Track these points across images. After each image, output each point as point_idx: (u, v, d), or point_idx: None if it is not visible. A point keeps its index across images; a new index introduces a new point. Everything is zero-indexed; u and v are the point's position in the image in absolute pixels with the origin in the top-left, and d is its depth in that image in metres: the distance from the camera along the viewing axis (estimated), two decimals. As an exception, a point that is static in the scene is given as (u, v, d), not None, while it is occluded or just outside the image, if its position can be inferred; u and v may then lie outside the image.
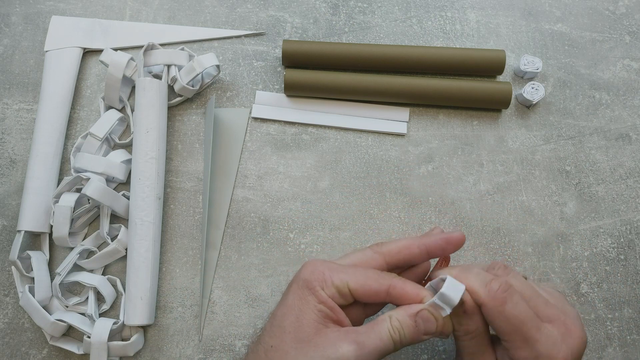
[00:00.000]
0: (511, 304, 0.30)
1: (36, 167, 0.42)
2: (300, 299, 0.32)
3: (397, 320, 0.31)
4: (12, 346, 0.41)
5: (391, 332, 0.30)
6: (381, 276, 0.32)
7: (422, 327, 0.31)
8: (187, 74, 0.44)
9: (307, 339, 0.30)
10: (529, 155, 0.46)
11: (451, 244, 0.34)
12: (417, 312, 0.31)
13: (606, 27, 0.50)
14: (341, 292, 0.31)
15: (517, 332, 0.30)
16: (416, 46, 0.47)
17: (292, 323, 0.31)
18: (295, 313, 0.31)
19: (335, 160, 0.46)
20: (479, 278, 0.31)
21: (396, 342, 0.30)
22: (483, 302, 0.31)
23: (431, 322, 0.31)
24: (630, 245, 0.44)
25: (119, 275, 0.42)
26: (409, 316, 0.31)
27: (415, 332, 0.31)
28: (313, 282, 0.32)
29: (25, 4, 0.49)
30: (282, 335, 0.31)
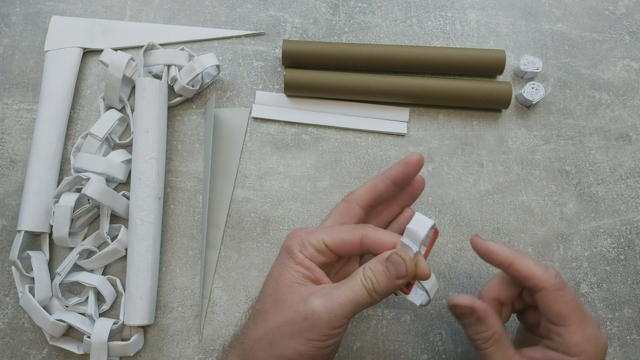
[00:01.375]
0: (567, 288, 0.32)
1: (36, 167, 0.42)
2: (280, 265, 0.33)
3: (369, 269, 0.31)
4: (12, 346, 0.41)
5: (363, 281, 0.31)
6: (354, 227, 0.33)
7: (393, 271, 0.31)
8: (187, 74, 0.44)
9: (283, 298, 0.32)
10: (529, 155, 0.46)
11: (410, 166, 0.34)
12: (387, 256, 0.31)
13: (606, 27, 0.50)
14: (319, 250, 0.33)
15: (575, 315, 0.32)
16: (416, 46, 0.47)
17: (271, 287, 0.33)
18: (274, 277, 0.33)
19: (335, 160, 0.46)
20: (537, 264, 0.33)
21: (369, 291, 0.31)
22: (545, 286, 0.32)
23: (400, 264, 0.31)
24: (630, 245, 0.44)
25: (119, 275, 0.42)
26: (380, 262, 0.31)
27: (387, 277, 0.31)
28: (291, 247, 0.33)
29: (25, 4, 0.49)
30: (264, 299, 0.33)
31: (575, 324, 0.32)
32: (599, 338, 0.32)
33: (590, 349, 0.31)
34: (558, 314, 0.32)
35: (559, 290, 0.32)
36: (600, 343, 0.32)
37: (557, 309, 0.32)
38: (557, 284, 0.32)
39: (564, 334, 0.32)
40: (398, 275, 0.31)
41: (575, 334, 0.32)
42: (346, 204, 0.35)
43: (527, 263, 0.33)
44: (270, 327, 0.32)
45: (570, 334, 0.32)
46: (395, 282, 0.31)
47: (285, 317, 0.31)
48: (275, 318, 0.31)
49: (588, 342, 0.32)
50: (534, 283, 0.32)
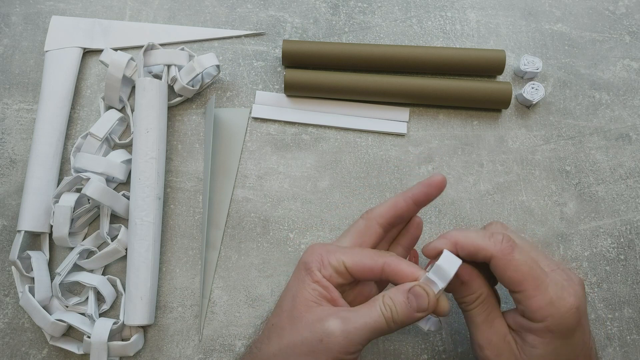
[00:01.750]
0: (518, 252, 0.31)
1: (36, 167, 0.42)
2: (297, 280, 0.33)
3: (389, 298, 0.31)
4: (12, 346, 0.41)
5: (382, 309, 0.31)
6: (377, 254, 0.33)
7: (414, 303, 0.30)
8: (187, 74, 0.44)
9: (299, 316, 0.32)
10: (529, 155, 0.46)
11: (433, 187, 0.34)
12: (409, 288, 0.31)
13: (606, 27, 0.50)
14: (338, 271, 0.33)
15: (529, 279, 0.30)
16: (416, 46, 0.47)
17: (288, 302, 0.33)
18: (292, 293, 0.33)
19: (335, 160, 0.46)
20: (480, 234, 0.32)
21: (388, 319, 0.30)
22: (492, 254, 0.31)
23: (423, 298, 0.30)
24: (630, 245, 0.44)
25: (119, 275, 0.42)
26: (401, 293, 0.31)
27: (408, 309, 0.31)
28: (310, 264, 0.33)
29: (25, 4, 0.49)
30: (280, 313, 0.33)
31: (531, 288, 0.30)
32: (564, 298, 0.30)
33: (555, 312, 0.30)
34: (511, 280, 0.31)
35: (507, 255, 0.31)
36: (567, 303, 0.30)
37: (510, 276, 0.31)
38: (505, 249, 0.31)
39: (523, 300, 0.31)
40: (419, 309, 0.31)
41: (533, 299, 0.30)
42: (366, 222, 0.35)
43: (470, 237, 0.32)
44: (284, 344, 0.31)
45: (529, 299, 0.31)
46: (415, 314, 0.31)
47: (300, 335, 0.31)
48: (290, 335, 0.31)
49: (550, 305, 0.30)
50: (482, 255, 0.31)
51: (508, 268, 0.31)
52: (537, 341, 0.31)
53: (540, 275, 0.31)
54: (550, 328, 0.30)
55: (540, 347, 0.31)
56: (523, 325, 0.32)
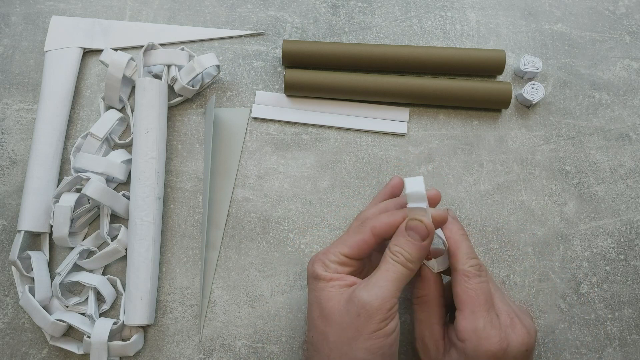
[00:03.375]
0: (477, 280, 0.33)
1: (36, 167, 0.42)
2: (315, 291, 0.34)
3: (394, 245, 0.33)
4: (12, 346, 0.41)
5: (394, 258, 0.33)
6: (360, 228, 0.35)
7: (416, 235, 0.33)
8: (187, 74, 0.44)
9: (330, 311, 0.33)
10: (529, 155, 0.46)
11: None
12: (404, 227, 0.33)
13: (606, 27, 0.50)
14: (341, 262, 0.34)
15: (470, 302, 0.33)
16: (416, 46, 0.47)
17: (316, 311, 0.34)
18: (316, 302, 0.34)
19: (335, 160, 0.46)
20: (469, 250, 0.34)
21: (404, 263, 0.32)
22: (458, 269, 0.34)
23: (419, 227, 0.33)
24: (630, 245, 0.44)
25: (119, 275, 0.42)
26: (400, 235, 0.33)
27: (413, 244, 0.33)
28: (316, 271, 0.34)
29: (25, 4, 0.49)
30: (314, 324, 0.34)
31: (467, 311, 0.33)
32: (489, 338, 0.32)
33: (473, 340, 0.32)
34: (456, 296, 0.33)
35: (465, 276, 0.33)
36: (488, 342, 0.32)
37: (457, 291, 0.33)
38: (468, 271, 0.33)
39: (457, 317, 0.34)
40: (422, 237, 0.33)
41: (463, 320, 0.33)
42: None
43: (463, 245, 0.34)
44: (332, 342, 0.32)
45: (461, 319, 0.33)
46: (422, 244, 0.33)
47: (340, 325, 0.32)
48: (333, 333, 0.32)
49: (473, 333, 0.32)
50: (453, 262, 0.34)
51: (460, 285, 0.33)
52: (454, 356, 0.34)
53: (480, 308, 0.33)
54: (466, 351, 0.33)
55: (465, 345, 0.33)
56: (451, 338, 0.34)
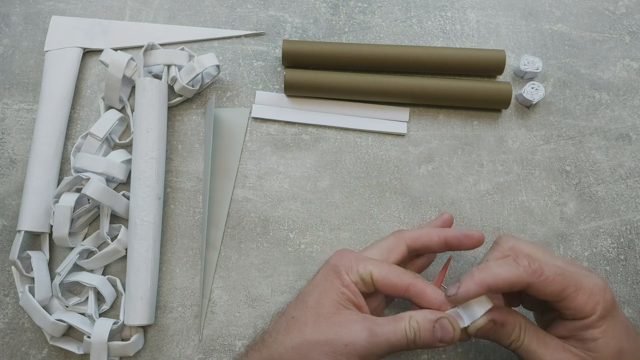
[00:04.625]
0: (547, 269, 0.32)
1: (36, 167, 0.42)
2: (326, 280, 0.34)
3: (416, 322, 0.32)
4: (12, 346, 0.41)
5: (407, 331, 0.32)
6: (404, 273, 0.34)
7: (439, 334, 0.32)
8: (187, 74, 0.44)
9: (326, 315, 0.33)
10: (529, 155, 0.46)
11: (469, 239, 0.36)
12: (437, 318, 0.32)
13: (606, 27, 0.50)
14: (364, 280, 0.34)
15: (566, 286, 0.32)
16: (416, 46, 0.47)
17: (314, 299, 0.33)
18: (319, 291, 0.34)
19: (335, 160, 0.46)
20: (505, 266, 0.32)
21: (409, 341, 0.32)
22: (528, 282, 0.31)
23: (448, 331, 0.32)
24: (630, 245, 0.44)
25: (119, 275, 0.42)
26: (428, 320, 0.32)
27: (431, 337, 0.32)
28: (340, 267, 0.34)
29: (25, 4, 0.49)
30: (304, 308, 0.33)
31: (572, 291, 0.32)
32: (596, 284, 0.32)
33: (599, 299, 0.32)
34: (552, 294, 0.32)
35: (541, 277, 0.31)
36: (600, 286, 0.32)
37: (551, 291, 0.32)
38: (536, 272, 0.31)
39: (569, 304, 0.32)
40: (442, 340, 0.32)
41: (578, 298, 0.32)
42: (396, 239, 0.36)
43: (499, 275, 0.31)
44: (306, 339, 0.32)
45: (574, 300, 0.32)
46: (436, 343, 0.32)
47: (325, 335, 0.32)
48: (313, 332, 0.32)
49: (592, 296, 0.32)
50: (519, 287, 0.32)
51: (547, 286, 0.32)
52: (596, 333, 0.32)
53: (572, 277, 0.32)
54: (601, 314, 0.32)
55: (600, 336, 0.32)
56: (577, 327, 0.32)
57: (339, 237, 0.44)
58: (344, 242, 0.44)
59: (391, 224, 0.44)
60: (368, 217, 0.44)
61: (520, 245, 0.35)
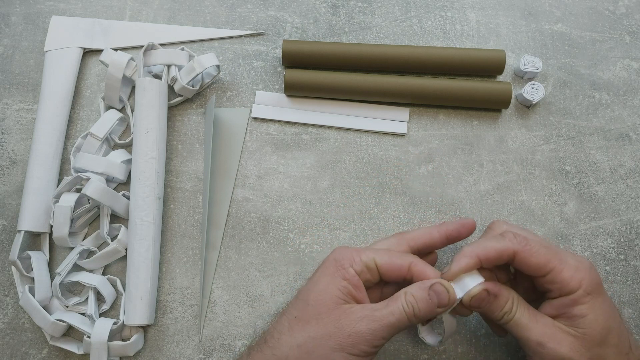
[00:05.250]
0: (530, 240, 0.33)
1: (36, 167, 0.42)
2: (326, 276, 0.34)
3: (411, 295, 0.33)
4: (12, 346, 0.41)
5: (405, 307, 0.33)
6: (404, 254, 0.35)
7: (435, 299, 0.33)
8: (187, 74, 0.44)
9: (327, 312, 0.33)
10: (529, 155, 0.46)
11: (465, 227, 0.38)
12: (430, 285, 0.33)
13: (606, 27, 0.50)
14: (369, 267, 0.34)
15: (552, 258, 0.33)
16: (416, 46, 0.47)
17: (315, 297, 0.34)
18: (319, 288, 0.34)
19: (335, 160, 0.46)
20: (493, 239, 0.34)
21: (409, 315, 0.33)
22: (515, 251, 0.33)
23: (443, 294, 0.33)
24: (630, 245, 0.44)
25: (119, 275, 0.42)
26: (422, 290, 0.33)
27: (429, 304, 0.33)
28: (342, 261, 0.34)
29: (25, 4, 0.49)
30: (305, 307, 0.34)
31: (557, 263, 0.33)
32: (581, 261, 0.33)
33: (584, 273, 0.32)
34: (537, 266, 0.33)
35: (526, 246, 0.33)
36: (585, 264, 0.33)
37: (535, 262, 0.33)
38: (521, 242, 0.33)
39: (554, 278, 0.33)
40: (440, 304, 0.33)
41: (564, 272, 0.33)
42: (398, 240, 0.37)
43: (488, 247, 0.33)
44: (310, 337, 0.33)
45: (560, 273, 0.33)
46: (436, 309, 0.33)
47: (327, 330, 0.32)
48: (316, 329, 0.33)
49: (578, 270, 0.33)
50: (506, 255, 0.33)
51: (532, 256, 0.33)
52: (583, 309, 0.32)
53: (557, 252, 0.33)
54: (588, 289, 0.32)
55: (588, 311, 0.32)
56: (564, 303, 0.33)
57: (339, 237, 0.44)
58: (344, 242, 0.44)
59: (391, 224, 0.44)
60: (368, 217, 0.44)
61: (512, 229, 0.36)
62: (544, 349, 0.32)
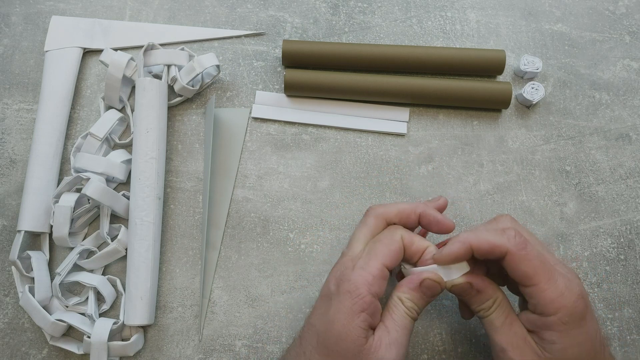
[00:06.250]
0: (530, 246, 0.32)
1: (36, 167, 0.42)
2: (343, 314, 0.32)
3: (408, 300, 0.34)
4: (12, 346, 0.41)
5: (409, 314, 0.33)
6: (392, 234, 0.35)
7: (429, 293, 0.34)
8: (187, 74, 0.44)
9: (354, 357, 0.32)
10: (529, 155, 0.46)
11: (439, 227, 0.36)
12: (420, 282, 0.33)
13: (606, 27, 0.50)
14: (384, 277, 0.34)
15: (540, 272, 0.31)
16: (416, 46, 0.47)
17: (336, 343, 0.32)
18: (338, 330, 0.32)
19: (335, 160, 0.46)
20: (492, 232, 0.33)
21: (414, 318, 0.34)
22: (507, 250, 0.32)
23: (435, 288, 0.33)
24: (630, 245, 0.44)
25: (119, 275, 0.42)
26: (414, 290, 0.34)
27: (424, 299, 0.34)
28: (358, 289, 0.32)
29: (25, 4, 0.49)
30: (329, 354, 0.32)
31: (543, 281, 0.31)
32: (572, 289, 0.31)
33: (566, 303, 0.31)
34: (524, 274, 0.32)
35: (521, 251, 0.32)
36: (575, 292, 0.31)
37: (523, 270, 0.32)
38: (519, 244, 0.32)
39: (535, 294, 0.32)
40: (433, 295, 0.34)
41: (546, 292, 0.31)
42: (375, 220, 0.37)
43: (483, 237, 0.32)
44: None
45: (541, 292, 0.31)
46: (430, 300, 0.34)
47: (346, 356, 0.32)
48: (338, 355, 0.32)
49: (561, 297, 0.31)
50: (497, 252, 0.32)
51: (522, 262, 0.32)
52: (554, 336, 0.31)
53: (550, 269, 0.32)
54: (564, 319, 0.31)
55: (558, 341, 0.31)
56: (537, 323, 0.32)
57: (339, 237, 0.44)
58: (344, 242, 0.44)
59: (391, 224, 0.44)
60: (368, 217, 0.44)
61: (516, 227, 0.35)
62: (504, 355, 0.32)
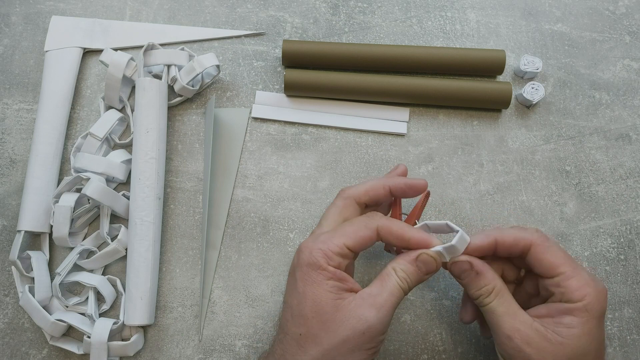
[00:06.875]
0: (552, 241, 0.34)
1: (36, 167, 0.42)
2: (311, 284, 0.33)
3: (402, 271, 0.33)
4: (12, 346, 0.41)
5: (400, 283, 0.33)
6: (367, 221, 0.34)
7: (424, 268, 0.34)
8: (187, 74, 0.44)
9: (331, 318, 0.32)
10: (529, 155, 0.46)
11: (413, 190, 0.37)
12: (416, 257, 0.34)
13: (606, 27, 0.50)
14: (343, 255, 0.33)
15: (566, 262, 0.33)
16: (416, 46, 0.47)
17: (311, 308, 0.33)
18: (311, 298, 0.33)
19: (335, 160, 0.46)
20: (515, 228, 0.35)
21: (405, 290, 0.33)
22: (532, 242, 0.33)
23: (431, 264, 0.33)
24: (630, 245, 0.44)
25: (119, 275, 0.42)
26: (410, 263, 0.34)
27: (419, 274, 0.34)
28: (318, 262, 0.33)
29: (25, 4, 0.49)
30: (306, 322, 0.33)
31: (569, 270, 0.32)
32: (597, 282, 0.33)
33: (592, 292, 0.32)
34: (551, 264, 0.33)
35: (545, 242, 0.33)
36: (599, 286, 0.32)
37: (549, 260, 0.33)
38: (542, 237, 0.33)
39: (562, 283, 0.32)
40: (428, 272, 0.34)
41: (572, 279, 0.32)
42: (343, 201, 0.37)
43: (507, 232, 0.34)
44: (326, 349, 0.32)
45: (568, 279, 0.32)
46: (424, 277, 0.34)
47: (341, 336, 0.32)
48: (329, 340, 0.32)
49: (587, 285, 0.32)
50: (522, 245, 0.33)
51: (547, 252, 0.33)
52: (574, 321, 0.32)
53: (573, 263, 0.33)
54: (588, 307, 0.32)
55: (577, 326, 0.32)
56: (559, 308, 0.33)
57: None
58: (344, 242, 0.43)
59: (391, 224, 0.44)
60: (368, 217, 0.44)
61: None
62: (511, 342, 0.32)
